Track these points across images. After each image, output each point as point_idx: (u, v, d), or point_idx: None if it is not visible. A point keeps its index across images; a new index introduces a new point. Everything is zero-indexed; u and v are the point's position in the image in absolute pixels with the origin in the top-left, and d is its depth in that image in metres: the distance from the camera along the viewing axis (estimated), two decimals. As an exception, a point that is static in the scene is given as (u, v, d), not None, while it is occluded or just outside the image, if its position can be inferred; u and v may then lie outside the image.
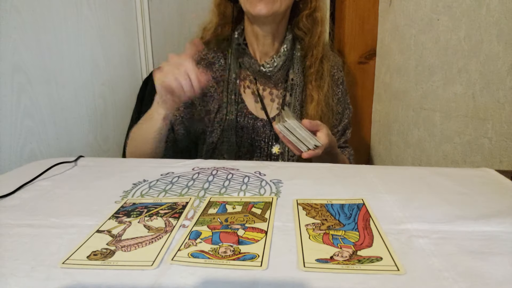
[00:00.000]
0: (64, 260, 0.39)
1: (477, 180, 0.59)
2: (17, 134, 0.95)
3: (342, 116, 1.00)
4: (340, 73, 0.99)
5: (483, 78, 0.82)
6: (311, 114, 0.91)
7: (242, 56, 0.91)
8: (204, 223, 0.46)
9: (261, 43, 0.90)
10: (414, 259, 0.38)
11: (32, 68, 0.97)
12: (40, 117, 1.00)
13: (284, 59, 0.89)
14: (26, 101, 0.96)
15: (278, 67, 0.89)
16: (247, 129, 0.92)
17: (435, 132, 1.00)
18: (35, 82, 0.98)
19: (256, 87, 0.94)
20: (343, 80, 1.00)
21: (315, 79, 0.91)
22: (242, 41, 0.91)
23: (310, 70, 0.92)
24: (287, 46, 0.90)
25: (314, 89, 0.91)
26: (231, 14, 0.92)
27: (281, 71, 0.90)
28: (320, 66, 0.92)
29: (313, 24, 0.90)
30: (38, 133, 1.00)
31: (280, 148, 0.93)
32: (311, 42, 0.91)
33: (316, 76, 0.92)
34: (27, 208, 0.52)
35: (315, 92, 0.91)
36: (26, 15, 0.94)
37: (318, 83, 0.91)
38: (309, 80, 0.92)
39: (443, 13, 0.94)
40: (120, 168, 0.69)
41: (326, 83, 0.92)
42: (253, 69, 0.90)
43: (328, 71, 0.93)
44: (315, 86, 0.91)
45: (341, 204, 0.51)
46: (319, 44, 0.91)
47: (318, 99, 0.91)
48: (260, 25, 0.87)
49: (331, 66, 0.96)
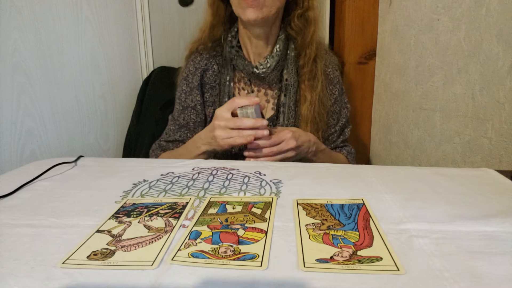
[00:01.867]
0: (64, 260, 0.39)
1: (477, 180, 0.59)
2: (17, 134, 0.95)
3: (339, 115, 0.99)
4: (336, 72, 0.98)
5: (483, 78, 0.82)
6: (304, 114, 0.91)
7: (235, 58, 0.91)
8: (204, 223, 0.46)
9: (254, 44, 0.91)
10: (414, 259, 0.38)
11: (32, 68, 0.97)
12: (40, 117, 1.00)
13: (278, 59, 0.90)
14: (26, 101, 0.96)
15: (272, 68, 0.89)
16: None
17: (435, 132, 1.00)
18: (35, 82, 0.98)
19: (250, 89, 0.94)
20: (340, 79, 0.99)
21: (308, 78, 0.92)
22: (235, 44, 0.92)
23: (303, 69, 0.92)
24: (280, 46, 0.90)
25: (307, 89, 0.91)
26: (224, 14, 0.93)
27: (275, 71, 0.91)
28: (314, 66, 0.92)
29: (305, 23, 0.91)
30: (38, 133, 1.00)
31: None
32: (303, 41, 0.91)
33: (309, 75, 0.92)
34: (27, 208, 0.52)
35: (308, 92, 0.91)
36: (26, 15, 0.94)
37: (311, 83, 0.92)
38: (302, 80, 0.92)
39: (443, 13, 0.94)
40: (120, 168, 0.69)
41: (320, 83, 0.92)
42: (247, 71, 0.91)
43: (321, 71, 0.93)
44: (308, 86, 0.91)
45: (341, 204, 0.51)
46: (312, 44, 0.91)
47: (311, 99, 0.91)
48: (252, 28, 0.88)
49: (326, 65, 0.96)
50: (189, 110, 0.96)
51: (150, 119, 1.21)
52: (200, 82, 0.96)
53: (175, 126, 0.97)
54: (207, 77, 0.96)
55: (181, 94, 0.97)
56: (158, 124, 1.14)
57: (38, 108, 0.99)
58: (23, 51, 0.94)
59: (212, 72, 0.96)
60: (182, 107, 0.97)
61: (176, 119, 0.98)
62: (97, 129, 1.19)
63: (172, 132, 0.97)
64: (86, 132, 1.15)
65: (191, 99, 0.96)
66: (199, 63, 0.96)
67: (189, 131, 0.96)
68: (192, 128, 0.96)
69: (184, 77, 0.98)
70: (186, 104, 0.96)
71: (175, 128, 0.97)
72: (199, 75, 0.96)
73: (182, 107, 0.97)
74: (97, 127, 1.19)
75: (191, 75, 0.96)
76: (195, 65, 0.97)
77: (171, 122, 0.99)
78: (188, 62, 0.98)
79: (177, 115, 0.97)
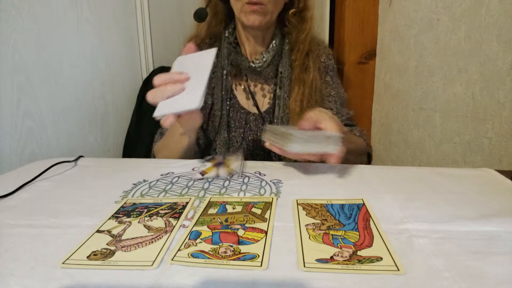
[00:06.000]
0: (64, 260, 0.39)
1: (477, 180, 0.59)
2: (17, 134, 0.95)
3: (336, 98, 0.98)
4: (329, 61, 0.99)
5: (483, 78, 0.82)
6: (292, 107, 0.91)
7: (233, 54, 0.92)
8: (204, 223, 0.46)
9: (252, 42, 0.93)
10: (414, 259, 0.38)
11: (32, 68, 0.97)
12: (40, 117, 1.00)
13: (273, 54, 0.91)
14: (26, 101, 0.96)
15: (268, 62, 0.91)
16: (239, 123, 0.94)
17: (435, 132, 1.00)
18: (35, 82, 0.98)
19: (247, 84, 0.95)
20: (334, 67, 1.00)
21: (300, 71, 0.93)
22: (233, 40, 0.93)
23: (295, 63, 0.93)
24: (276, 42, 0.92)
25: (296, 81, 0.92)
26: (222, 11, 0.93)
27: (271, 66, 0.92)
28: (306, 59, 0.93)
29: (300, 21, 0.93)
30: (38, 133, 1.00)
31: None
32: (298, 37, 0.93)
33: (301, 68, 0.93)
34: (27, 208, 0.52)
35: (296, 84, 0.92)
36: (26, 15, 0.94)
37: (302, 75, 0.93)
38: (294, 73, 0.93)
39: (443, 14, 0.94)
40: (120, 168, 0.69)
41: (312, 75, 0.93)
42: (244, 66, 0.92)
43: (314, 63, 0.94)
44: (297, 79, 0.93)
45: (341, 204, 0.51)
46: (306, 40, 0.93)
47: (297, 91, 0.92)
48: (251, 30, 0.90)
49: (319, 55, 0.97)
50: None
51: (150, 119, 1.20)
52: None
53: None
54: None
55: None
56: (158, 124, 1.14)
57: (38, 108, 0.99)
58: (23, 52, 0.94)
59: None
60: None
61: None
62: (97, 129, 1.19)
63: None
64: (86, 132, 1.15)
65: None
66: None
67: None
68: None
69: None
70: None
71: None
72: None
73: None
74: (97, 127, 1.19)
75: None
76: None
77: None
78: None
79: None
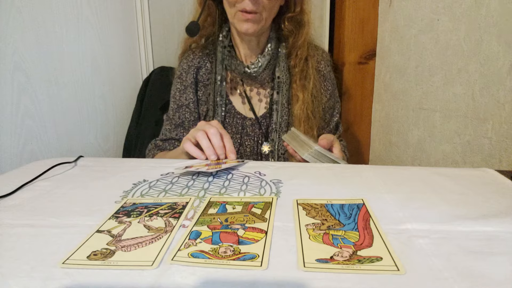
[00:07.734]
0: (64, 260, 0.39)
1: (477, 180, 0.59)
2: (17, 134, 0.95)
3: (333, 110, 1.00)
4: (327, 67, 0.99)
5: (483, 78, 0.82)
6: (297, 114, 0.91)
7: (227, 58, 0.91)
8: (204, 223, 0.46)
9: (246, 45, 0.92)
10: (414, 259, 0.38)
11: (32, 68, 0.97)
12: (40, 117, 1.00)
13: (269, 58, 0.90)
14: (26, 101, 0.96)
15: (263, 67, 0.90)
16: (236, 129, 0.93)
17: (435, 132, 1.00)
18: (35, 82, 0.98)
19: (243, 88, 0.95)
20: (332, 74, 1.00)
21: (300, 78, 0.92)
22: (227, 43, 0.92)
23: (295, 69, 0.92)
24: (271, 45, 0.91)
25: (299, 88, 0.92)
26: (215, 12, 0.93)
27: (267, 70, 0.91)
28: (305, 65, 0.93)
29: (297, 25, 0.91)
30: (38, 133, 1.00)
31: (270, 146, 0.93)
32: (295, 42, 0.92)
33: (301, 75, 0.92)
34: (27, 208, 0.52)
35: (300, 91, 0.92)
36: (26, 15, 0.94)
37: (303, 82, 0.92)
38: (294, 79, 0.93)
39: (443, 14, 0.94)
40: (120, 168, 0.69)
41: (312, 82, 0.92)
42: (239, 71, 0.91)
43: (313, 69, 0.93)
44: (299, 86, 0.92)
45: (341, 204, 0.51)
46: (303, 45, 0.92)
47: (303, 98, 0.91)
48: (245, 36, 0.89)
49: (318, 61, 0.96)
50: (183, 108, 0.96)
51: (150, 119, 1.21)
52: (194, 80, 0.96)
53: (170, 125, 0.97)
54: (200, 75, 0.96)
55: (175, 93, 0.97)
56: (158, 124, 1.14)
57: (38, 108, 0.99)
58: (23, 51, 0.94)
59: (205, 70, 0.96)
60: (177, 106, 0.96)
61: (171, 118, 0.97)
62: (97, 129, 1.19)
63: (168, 132, 0.97)
64: (86, 132, 1.15)
65: (185, 97, 0.96)
66: (192, 61, 0.96)
67: (184, 130, 0.96)
68: (187, 127, 0.96)
69: (178, 75, 0.98)
70: (181, 102, 0.96)
71: (170, 128, 0.97)
72: (192, 73, 0.96)
73: (176, 105, 0.97)
74: (97, 127, 1.19)
75: (184, 73, 0.96)
76: (188, 63, 0.97)
77: (166, 121, 0.99)
78: (182, 60, 0.98)
79: (172, 114, 0.97)
